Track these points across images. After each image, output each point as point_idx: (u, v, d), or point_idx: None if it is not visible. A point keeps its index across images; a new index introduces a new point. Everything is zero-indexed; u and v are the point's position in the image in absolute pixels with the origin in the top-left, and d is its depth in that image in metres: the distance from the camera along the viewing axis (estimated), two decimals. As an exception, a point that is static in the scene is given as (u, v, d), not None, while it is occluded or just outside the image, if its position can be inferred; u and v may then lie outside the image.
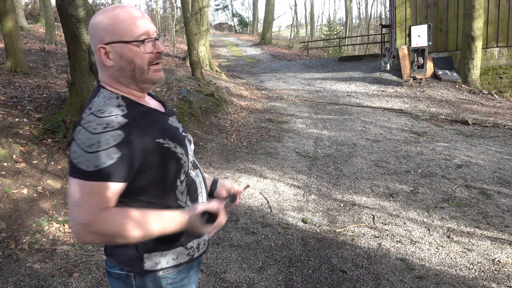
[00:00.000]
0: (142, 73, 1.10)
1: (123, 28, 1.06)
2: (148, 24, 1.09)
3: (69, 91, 5.11)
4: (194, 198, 1.20)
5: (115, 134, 0.99)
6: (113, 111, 1.03)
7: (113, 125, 1.00)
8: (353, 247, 3.18)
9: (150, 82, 1.13)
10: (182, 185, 1.16)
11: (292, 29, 32.46)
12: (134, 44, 1.07)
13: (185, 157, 1.15)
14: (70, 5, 4.57)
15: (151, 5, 37.90)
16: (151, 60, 1.10)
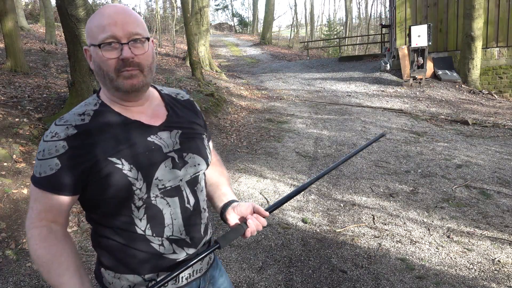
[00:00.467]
0: (111, 80, 1.00)
1: (93, 31, 1.00)
2: (117, 28, 0.98)
3: (69, 91, 5.12)
4: (158, 229, 1.04)
5: (59, 145, 0.97)
6: (69, 120, 1.00)
7: (60, 135, 0.97)
8: (353, 247, 3.18)
9: (122, 90, 1.01)
10: (139, 211, 1.02)
11: (292, 29, 32.47)
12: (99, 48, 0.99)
13: (140, 183, 0.99)
14: (70, 5, 4.57)
15: (151, 5, 37.90)
16: (117, 67, 0.99)
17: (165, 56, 16.85)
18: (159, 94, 1.17)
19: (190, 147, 1.11)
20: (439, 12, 11.97)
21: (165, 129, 1.08)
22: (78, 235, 3.43)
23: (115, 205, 1.01)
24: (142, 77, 1.02)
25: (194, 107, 1.23)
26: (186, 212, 1.09)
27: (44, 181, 0.98)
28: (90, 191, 1.00)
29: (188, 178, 1.10)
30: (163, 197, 1.04)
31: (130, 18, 1.01)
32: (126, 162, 0.98)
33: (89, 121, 1.01)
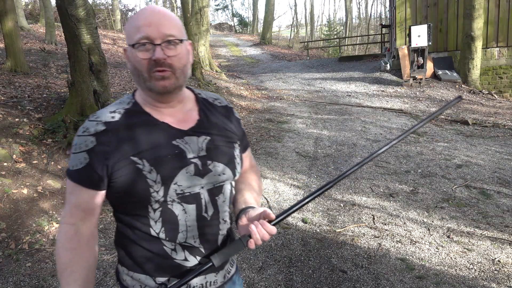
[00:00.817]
0: (144, 81, 1.02)
1: (130, 31, 1.02)
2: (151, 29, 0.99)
3: (69, 91, 5.12)
4: (172, 234, 1.04)
5: (88, 140, 1.00)
6: (100, 117, 1.03)
7: (90, 130, 1.01)
8: (353, 247, 3.18)
9: (154, 91, 1.02)
10: (155, 213, 1.03)
11: (292, 29, 32.47)
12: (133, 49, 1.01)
13: (158, 186, 1.00)
14: (70, 5, 4.57)
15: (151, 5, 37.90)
16: (149, 67, 1.00)
17: (165, 56, 16.83)
18: (195, 97, 1.16)
19: (216, 155, 1.08)
20: (439, 12, 11.97)
21: (193, 134, 1.07)
22: (78, 235, 3.43)
23: (133, 205, 1.03)
24: (174, 79, 1.02)
25: (230, 114, 1.20)
26: (202, 221, 1.07)
27: (75, 174, 1.02)
28: (113, 188, 1.02)
29: (210, 187, 1.07)
30: (180, 202, 1.03)
31: (166, 19, 1.02)
32: (147, 163, 0.99)
33: (119, 119, 1.03)
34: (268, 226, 1.01)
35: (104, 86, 5.04)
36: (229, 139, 1.13)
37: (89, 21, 4.76)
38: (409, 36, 10.79)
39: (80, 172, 1.01)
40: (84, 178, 1.01)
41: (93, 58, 4.84)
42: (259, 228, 1.00)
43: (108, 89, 5.17)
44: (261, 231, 1.00)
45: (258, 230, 1.00)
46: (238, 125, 1.20)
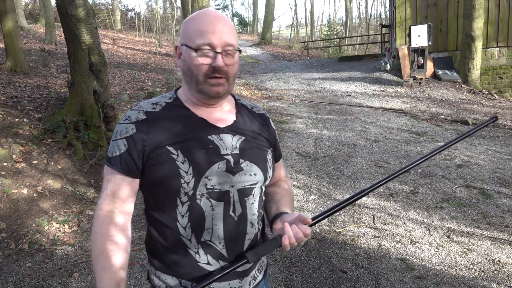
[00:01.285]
0: (197, 83, 1.05)
1: (191, 34, 1.05)
2: (215, 36, 1.02)
3: (69, 91, 5.11)
4: (198, 230, 1.05)
5: (128, 127, 1.04)
6: (142, 106, 1.08)
7: (131, 118, 1.06)
8: (353, 247, 3.18)
9: (206, 95, 1.06)
10: (183, 207, 1.04)
11: (292, 29, 32.47)
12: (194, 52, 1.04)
13: (189, 177, 1.02)
14: (70, 5, 4.57)
15: (151, 5, 37.92)
16: (206, 73, 1.03)
17: (165, 56, 16.85)
18: (234, 101, 1.20)
19: (249, 155, 1.10)
20: (439, 12, 11.97)
21: (228, 132, 1.09)
22: (78, 235, 3.43)
23: (163, 196, 1.05)
24: (227, 86, 1.06)
25: (267, 122, 1.23)
26: (229, 221, 1.06)
27: (113, 160, 1.04)
28: (146, 176, 1.04)
29: (240, 187, 1.07)
30: (209, 198, 1.04)
31: (228, 28, 1.05)
32: (181, 154, 1.02)
33: (159, 110, 1.08)
34: (302, 226, 1.03)
35: (104, 86, 5.04)
36: (263, 143, 1.16)
37: (89, 21, 4.76)
38: (409, 36, 10.78)
39: (118, 159, 1.04)
40: (122, 164, 1.03)
41: (93, 58, 4.84)
42: (293, 227, 1.02)
43: (108, 89, 5.17)
44: (295, 229, 1.02)
45: (292, 228, 1.02)
46: (273, 134, 1.23)
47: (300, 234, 1.01)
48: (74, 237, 3.39)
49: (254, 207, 1.11)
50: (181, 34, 1.10)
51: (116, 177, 1.05)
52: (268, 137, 1.19)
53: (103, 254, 1.02)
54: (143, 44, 20.13)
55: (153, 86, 9.29)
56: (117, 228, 1.05)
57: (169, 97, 1.13)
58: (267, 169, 1.13)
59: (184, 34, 1.07)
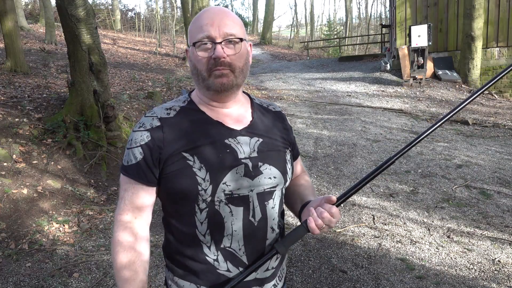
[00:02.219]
0: (203, 79, 1.02)
1: (193, 31, 1.04)
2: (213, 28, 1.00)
3: (69, 91, 5.11)
4: (217, 237, 1.03)
5: (143, 135, 1.02)
6: (156, 112, 1.05)
7: (145, 125, 1.03)
8: (353, 247, 3.18)
9: (212, 89, 1.02)
10: (201, 214, 1.02)
11: (292, 29, 32.46)
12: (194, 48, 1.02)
13: (207, 184, 0.99)
14: (70, 5, 4.57)
15: (151, 5, 37.93)
16: (209, 66, 1.00)
17: (165, 56, 16.85)
18: (250, 101, 1.17)
19: (267, 158, 1.06)
20: (439, 12, 11.97)
21: (245, 135, 1.06)
22: (78, 235, 3.43)
23: (181, 203, 1.02)
24: (232, 77, 1.02)
25: (284, 120, 1.20)
26: (249, 226, 1.03)
27: (130, 169, 1.02)
28: (163, 183, 1.02)
29: (260, 190, 1.04)
30: (227, 203, 1.01)
31: (228, 19, 1.02)
32: (198, 160, 0.99)
33: (174, 115, 1.05)
34: (327, 205, 1.00)
35: (104, 86, 5.04)
36: (281, 144, 1.12)
37: (89, 21, 4.76)
38: (409, 36, 10.78)
39: (134, 167, 1.01)
40: (139, 173, 1.01)
41: (93, 58, 4.84)
42: (318, 209, 1.00)
43: (108, 89, 5.17)
44: (320, 210, 0.99)
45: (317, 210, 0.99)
46: (290, 132, 1.20)
47: (325, 214, 0.98)
48: (74, 237, 3.39)
49: (275, 212, 1.08)
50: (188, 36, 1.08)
51: (134, 186, 1.03)
52: (286, 136, 1.16)
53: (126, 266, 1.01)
54: (143, 44, 20.13)
55: (153, 86, 9.28)
56: (137, 238, 1.04)
57: (183, 101, 1.10)
58: (287, 170, 1.10)
59: (189, 35, 1.06)
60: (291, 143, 1.18)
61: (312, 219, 0.98)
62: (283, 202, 1.14)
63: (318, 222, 0.98)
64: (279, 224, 1.11)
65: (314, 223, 0.97)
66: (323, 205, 1.00)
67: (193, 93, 1.12)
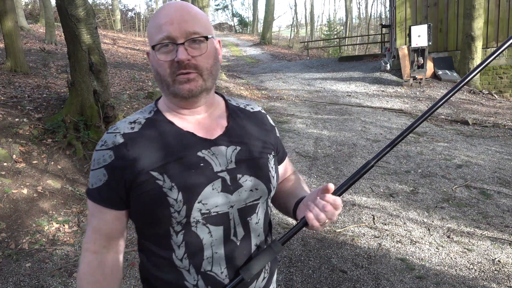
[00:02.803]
0: (168, 86, 0.91)
1: (151, 32, 0.92)
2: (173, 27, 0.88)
3: (69, 91, 5.11)
4: (196, 261, 0.92)
5: (106, 155, 0.91)
6: (119, 128, 0.94)
7: (108, 144, 0.92)
8: (353, 247, 3.18)
9: (181, 96, 0.91)
10: (177, 237, 0.91)
11: (292, 29, 32.47)
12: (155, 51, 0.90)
13: (180, 205, 0.88)
14: (70, 5, 4.57)
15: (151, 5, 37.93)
16: (172, 71, 0.89)
17: (165, 56, 16.82)
18: (225, 103, 1.05)
19: (247, 168, 0.95)
20: (439, 12, 11.97)
21: (220, 144, 0.94)
22: (78, 235, 3.43)
23: (154, 226, 0.92)
24: (201, 81, 0.91)
25: (264, 120, 1.07)
26: (231, 246, 0.93)
27: (95, 193, 0.93)
28: (133, 206, 0.92)
29: (241, 205, 0.94)
30: (205, 224, 0.91)
31: (189, 15, 0.90)
32: (168, 179, 0.88)
33: (138, 129, 0.93)
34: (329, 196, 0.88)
35: (104, 86, 5.04)
36: (262, 149, 1.00)
37: (89, 21, 4.76)
38: (409, 36, 10.79)
39: (100, 191, 0.92)
40: (105, 197, 0.92)
41: (93, 58, 4.84)
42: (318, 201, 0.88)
43: (108, 89, 5.17)
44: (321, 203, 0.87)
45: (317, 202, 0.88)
46: (273, 132, 1.08)
47: (328, 207, 0.86)
48: (74, 237, 3.39)
49: (259, 227, 0.99)
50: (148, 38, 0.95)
51: (100, 211, 0.93)
52: (268, 138, 1.04)
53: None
54: (143, 44, 20.13)
55: (153, 86, 9.28)
56: (106, 273, 0.95)
57: (149, 111, 0.98)
58: (270, 179, 0.99)
59: (148, 36, 0.93)
60: (275, 145, 1.06)
61: (312, 214, 0.88)
62: (269, 214, 1.04)
63: (320, 216, 0.87)
64: (266, 239, 1.02)
65: (315, 217, 0.87)
66: (323, 197, 0.89)
67: (161, 101, 1.00)
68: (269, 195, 1.00)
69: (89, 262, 0.95)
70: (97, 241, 0.95)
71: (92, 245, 0.95)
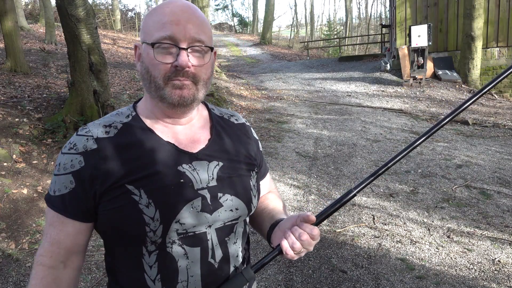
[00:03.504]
0: (157, 89, 0.83)
1: (150, 26, 0.84)
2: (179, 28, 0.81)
3: (69, 91, 5.11)
4: (170, 284, 0.84)
5: (75, 160, 0.82)
6: (92, 131, 0.85)
7: (78, 148, 0.83)
8: (353, 247, 3.18)
9: (169, 102, 0.83)
10: (150, 257, 0.84)
11: (292, 29, 32.47)
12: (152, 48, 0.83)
13: (156, 223, 0.80)
14: (70, 5, 4.57)
15: (151, 5, 37.92)
16: (167, 75, 0.82)
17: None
18: (208, 113, 0.99)
19: (229, 186, 0.89)
20: (439, 12, 11.97)
21: (203, 158, 0.88)
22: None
23: (125, 244, 0.85)
24: (194, 90, 0.84)
25: (248, 133, 1.02)
26: (208, 268, 0.86)
27: (57, 200, 0.84)
28: (101, 221, 0.84)
29: (219, 225, 0.88)
30: (181, 244, 0.84)
31: (197, 20, 0.84)
32: (145, 195, 0.81)
33: (114, 135, 0.85)
34: (307, 226, 0.83)
35: (104, 86, 5.04)
36: (245, 165, 0.95)
37: (89, 21, 4.76)
38: (409, 36, 10.78)
39: (63, 199, 0.83)
40: (69, 206, 0.83)
41: (93, 58, 4.84)
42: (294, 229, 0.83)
43: (108, 89, 5.17)
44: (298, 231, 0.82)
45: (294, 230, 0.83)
46: (256, 147, 1.02)
47: (305, 236, 0.81)
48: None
49: (237, 247, 0.92)
50: (140, 31, 0.88)
51: (61, 221, 0.84)
52: (252, 153, 0.98)
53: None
54: (143, 44, 20.09)
55: (153, 86, 9.27)
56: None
57: (127, 115, 0.89)
58: (251, 198, 0.93)
59: (143, 30, 0.86)
60: (258, 161, 1.00)
61: (287, 242, 0.81)
62: (246, 233, 0.98)
63: (296, 246, 0.81)
64: (243, 259, 0.95)
65: (291, 246, 0.81)
66: (300, 225, 0.83)
67: (140, 105, 0.92)
68: (248, 214, 0.94)
69: (42, 278, 0.85)
70: (54, 255, 0.86)
71: (48, 259, 0.85)
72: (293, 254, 0.82)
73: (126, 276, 0.87)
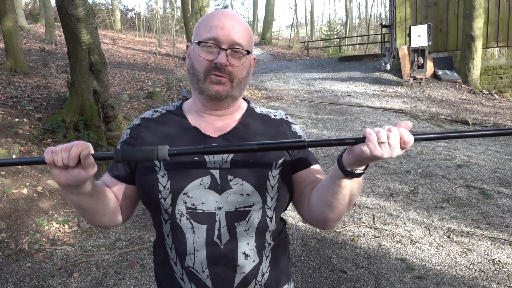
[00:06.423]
0: (198, 81, 0.97)
1: (200, 29, 0.98)
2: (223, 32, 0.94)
3: (69, 91, 5.11)
4: (181, 254, 0.95)
5: (126, 133, 1.05)
6: (144, 113, 1.07)
7: (131, 124, 1.06)
8: (353, 247, 3.18)
9: (205, 94, 0.96)
10: (166, 225, 0.96)
11: (292, 29, 32.48)
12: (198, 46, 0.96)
13: (166, 192, 0.93)
14: (70, 5, 4.57)
15: (151, 5, 37.93)
16: (207, 69, 0.95)
17: (165, 56, 16.85)
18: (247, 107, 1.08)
19: (242, 172, 0.94)
20: (439, 12, 11.97)
21: (220, 143, 0.98)
22: (78, 235, 3.43)
23: (150, 210, 1.01)
24: (229, 87, 0.96)
25: (284, 127, 1.06)
26: (213, 247, 0.93)
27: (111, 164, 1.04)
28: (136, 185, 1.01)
29: (230, 209, 0.93)
30: (189, 219, 0.93)
31: (239, 27, 0.97)
32: (163, 167, 0.94)
33: (156, 117, 1.05)
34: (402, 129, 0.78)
35: (104, 86, 5.04)
36: (266, 158, 0.96)
37: (89, 21, 4.76)
38: (409, 36, 10.78)
39: (112, 163, 1.02)
40: (113, 168, 1.03)
41: (93, 58, 4.84)
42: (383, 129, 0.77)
43: (108, 89, 5.17)
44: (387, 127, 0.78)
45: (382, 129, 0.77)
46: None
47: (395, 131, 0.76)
48: (74, 237, 3.39)
49: (249, 235, 0.95)
50: (194, 32, 1.03)
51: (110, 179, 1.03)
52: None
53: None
54: (143, 44, 20.13)
55: (153, 86, 9.29)
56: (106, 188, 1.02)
57: (174, 106, 1.09)
58: (266, 188, 0.95)
59: (195, 31, 1.01)
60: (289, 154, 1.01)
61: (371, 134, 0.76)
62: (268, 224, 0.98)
63: (381, 134, 0.76)
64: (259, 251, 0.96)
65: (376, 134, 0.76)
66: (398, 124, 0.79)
67: (188, 101, 1.08)
68: (265, 205, 0.96)
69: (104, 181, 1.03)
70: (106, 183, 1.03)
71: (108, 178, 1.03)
72: (375, 142, 0.75)
73: (157, 240, 1.03)
